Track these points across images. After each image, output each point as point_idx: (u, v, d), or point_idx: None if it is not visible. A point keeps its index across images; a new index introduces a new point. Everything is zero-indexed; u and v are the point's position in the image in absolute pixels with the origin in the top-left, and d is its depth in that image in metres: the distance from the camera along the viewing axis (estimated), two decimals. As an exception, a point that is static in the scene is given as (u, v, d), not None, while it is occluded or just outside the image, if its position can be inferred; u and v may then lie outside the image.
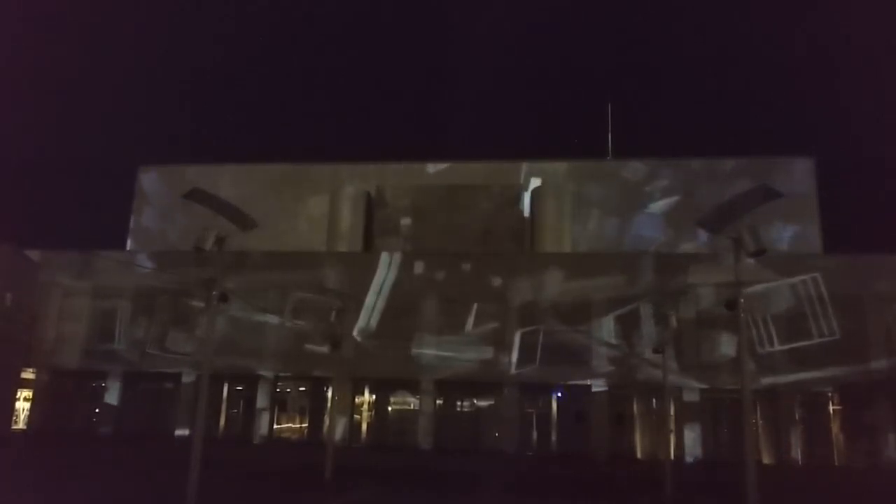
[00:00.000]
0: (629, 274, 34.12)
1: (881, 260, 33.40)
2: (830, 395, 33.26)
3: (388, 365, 33.96)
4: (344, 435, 33.81)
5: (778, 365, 31.92)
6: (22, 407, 38.18)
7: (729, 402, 32.38)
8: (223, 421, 36.40)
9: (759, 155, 43.73)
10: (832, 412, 33.38)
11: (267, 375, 35.22)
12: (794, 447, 32.09)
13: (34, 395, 37.16)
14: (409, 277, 35.11)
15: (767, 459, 32.41)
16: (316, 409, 36.45)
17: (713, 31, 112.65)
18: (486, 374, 33.65)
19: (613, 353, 33.27)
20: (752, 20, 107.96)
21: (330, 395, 33.64)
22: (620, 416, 34.27)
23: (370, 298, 34.75)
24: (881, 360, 31.74)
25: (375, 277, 35.13)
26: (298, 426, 36.60)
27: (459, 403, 36.11)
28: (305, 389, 37.02)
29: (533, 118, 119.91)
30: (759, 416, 32.93)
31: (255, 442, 34.59)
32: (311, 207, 44.80)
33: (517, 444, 33.58)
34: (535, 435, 34.77)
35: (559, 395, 34.71)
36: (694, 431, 32.60)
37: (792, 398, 32.66)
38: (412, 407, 35.53)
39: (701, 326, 32.49)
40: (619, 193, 43.25)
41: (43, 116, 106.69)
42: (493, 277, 34.76)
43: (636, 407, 34.49)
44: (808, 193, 41.45)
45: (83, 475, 24.02)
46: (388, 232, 41.04)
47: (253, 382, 35.36)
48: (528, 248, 40.70)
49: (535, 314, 33.80)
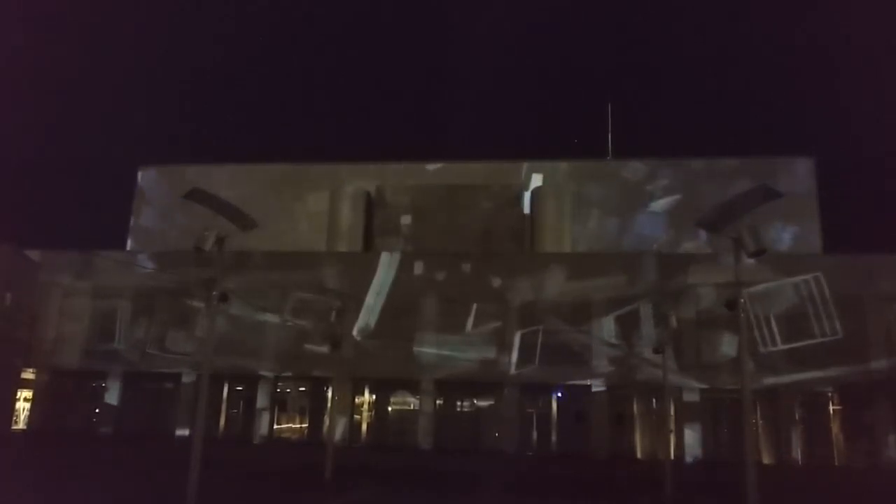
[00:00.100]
0: (629, 274, 34.13)
1: (881, 260, 33.37)
2: (830, 395, 33.25)
3: (388, 365, 33.96)
4: (344, 435, 33.81)
5: (778, 365, 31.92)
6: (22, 407, 38.18)
7: (729, 402, 32.38)
8: (223, 421, 36.38)
9: (759, 155, 43.74)
10: (832, 412, 33.36)
11: (267, 375, 35.22)
12: (794, 447, 32.07)
13: (34, 395, 37.19)
14: (409, 277, 35.10)
15: (767, 459, 32.39)
16: (316, 409, 36.43)
17: (713, 31, 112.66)
18: (486, 374, 33.65)
19: (613, 353, 33.27)
20: (752, 20, 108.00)
21: (330, 395, 33.63)
22: (620, 416, 34.25)
23: (370, 298, 34.76)
24: (881, 360, 31.73)
25: (375, 277, 35.13)
26: (298, 426, 36.59)
27: (459, 403, 36.10)
28: (305, 389, 37.00)
29: (533, 118, 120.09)
30: (759, 416, 32.91)
31: (255, 442, 34.60)
32: (310, 207, 44.74)
33: (517, 444, 33.57)
34: (535, 435, 34.74)
35: (559, 395, 34.69)
36: (694, 431, 32.60)
37: (792, 398, 32.65)
38: (412, 407, 35.52)
39: (701, 326, 32.51)
40: (619, 193, 43.21)
41: (43, 116, 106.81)
42: (493, 277, 34.75)
43: (636, 407, 34.47)
44: (808, 193, 41.41)
45: (83, 475, 24.02)
46: (388, 232, 41.05)
47: (253, 382, 35.38)
48: (528, 248, 40.71)
49: (535, 314, 33.80)
